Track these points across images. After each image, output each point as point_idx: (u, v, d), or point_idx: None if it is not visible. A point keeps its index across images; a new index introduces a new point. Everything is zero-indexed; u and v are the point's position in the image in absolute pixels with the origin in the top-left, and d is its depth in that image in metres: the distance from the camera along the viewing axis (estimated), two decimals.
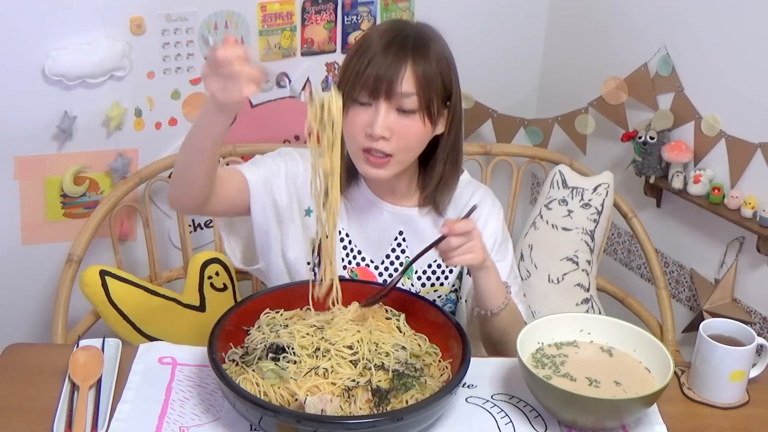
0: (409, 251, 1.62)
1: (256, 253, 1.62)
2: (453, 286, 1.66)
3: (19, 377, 1.43)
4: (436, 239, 1.43)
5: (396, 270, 1.63)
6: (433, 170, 1.59)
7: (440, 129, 1.55)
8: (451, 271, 1.65)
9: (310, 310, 1.47)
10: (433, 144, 1.57)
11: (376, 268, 1.63)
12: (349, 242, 1.63)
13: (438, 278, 1.64)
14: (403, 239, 1.62)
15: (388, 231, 1.62)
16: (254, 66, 1.25)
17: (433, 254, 1.46)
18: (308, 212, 1.62)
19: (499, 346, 1.59)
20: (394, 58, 1.45)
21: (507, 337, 1.55)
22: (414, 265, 1.58)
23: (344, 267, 1.61)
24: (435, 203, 1.61)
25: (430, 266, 1.63)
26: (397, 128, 1.47)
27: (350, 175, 1.59)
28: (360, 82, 1.46)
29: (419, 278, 1.63)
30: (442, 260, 1.45)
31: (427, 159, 1.59)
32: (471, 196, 1.65)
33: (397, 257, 1.63)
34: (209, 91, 1.28)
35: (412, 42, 1.48)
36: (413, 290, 1.60)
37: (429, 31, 1.53)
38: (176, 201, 1.52)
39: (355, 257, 1.63)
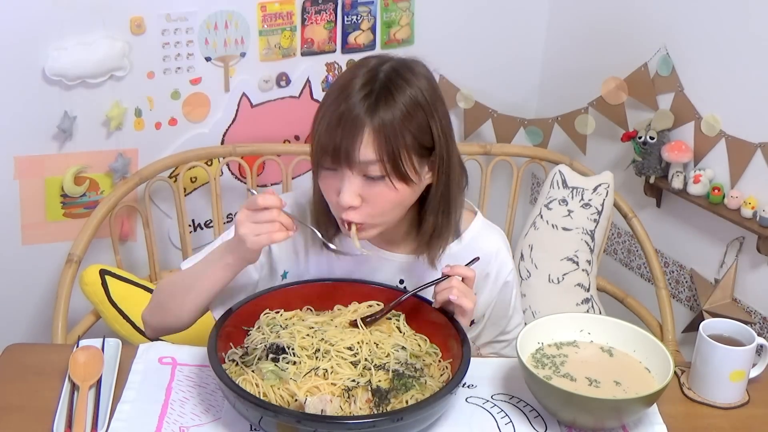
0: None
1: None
2: None
3: (19, 377, 1.43)
4: (438, 278, 1.42)
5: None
6: (426, 221, 1.46)
7: (429, 179, 1.41)
8: None
9: (310, 310, 1.47)
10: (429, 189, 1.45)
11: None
12: None
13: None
14: (404, 288, 1.54)
15: (387, 280, 1.53)
16: (286, 216, 1.32)
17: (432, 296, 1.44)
18: (284, 275, 1.55)
19: None
20: (351, 121, 1.30)
21: None
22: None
23: None
24: (429, 254, 1.49)
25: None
26: (367, 195, 1.35)
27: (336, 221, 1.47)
28: (322, 146, 1.34)
29: None
30: (435, 296, 1.42)
31: (424, 204, 1.46)
32: (489, 238, 1.56)
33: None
34: (240, 235, 1.32)
35: (375, 97, 1.31)
36: None
37: (400, 78, 1.34)
38: (157, 329, 1.54)
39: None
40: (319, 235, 1.43)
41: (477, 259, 1.47)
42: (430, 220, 1.45)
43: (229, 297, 1.49)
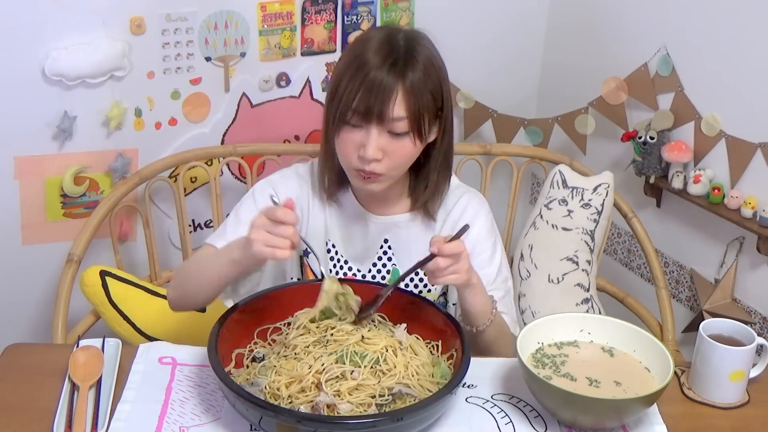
0: (395, 258, 1.63)
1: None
2: (443, 288, 1.67)
3: (19, 377, 1.43)
4: (424, 258, 1.41)
5: (383, 278, 1.64)
6: (426, 178, 1.60)
7: (432, 137, 1.55)
8: None
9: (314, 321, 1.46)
10: (425, 150, 1.57)
11: (363, 277, 1.65)
12: (336, 253, 1.65)
13: (425, 285, 1.64)
14: (389, 247, 1.63)
15: (373, 240, 1.63)
16: (297, 234, 1.37)
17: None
18: (306, 253, 1.65)
19: (486, 355, 1.57)
20: (384, 82, 1.44)
21: (492, 351, 1.55)
22: (399, 269, 1.62)
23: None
24: (426, 209, 1.62)
25: (417, 273, 1.63)
26: (389, 149, 1.48)
27: (340, 183, 1.61)
28: (351, 106, 1.45)
29: (407, 285, 1.63)
30: (428, 279, 1.44)
31: (417, 165, 1.59)
32: (458, 200, 1.66)
33: (384, 265, 1.64)
34: (251, 239, 1.36)
35: (403, 60, 1.46)
36: None
37: (418, 42, 1.50)
38: (178, 305, 1.62)
39: (342, 267, 1.65)
40: (307, 244, 1.57)
41: (466, 226, 1.47)
42: (432, 177, 1.59)
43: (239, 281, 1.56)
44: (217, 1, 2.16)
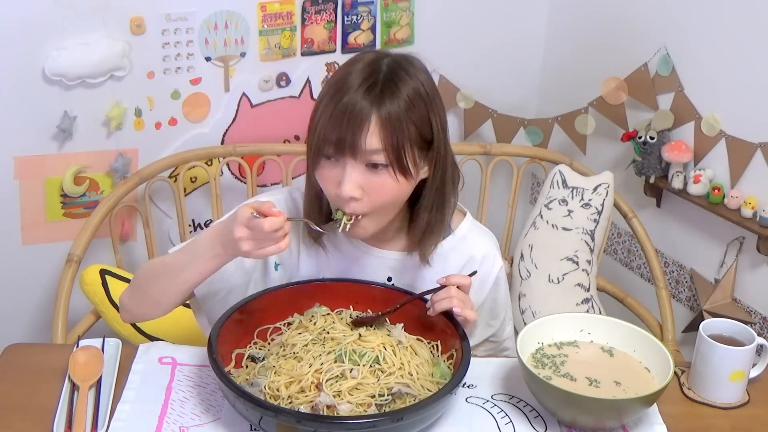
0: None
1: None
2: None
3: (19, 377, 1.43)
4: (433, 288, 1.41)
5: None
6: (419, 218, 1.46)
7: (425, 174, 1.42)
8: None
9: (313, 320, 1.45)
10: (422, 186, 1.45)
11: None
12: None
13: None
14: (392, 285, 1.54)
15: (376, 277, 1.53)
16: (289, 224, 1.29)
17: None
18: (276, 267, 1.54)
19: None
20: (357, 109, 1.31)
21: None
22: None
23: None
24: (421, 251, 1.48)
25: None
26: (368, 186, 1.35)
27: (328, 215, 1.46)
28: (325, 135, 1.34)
29: None
30: (433, 308, 1.41)
31: (415, 202, 1.46)
32: (480, 242, 1.55)
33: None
34: (244, 251, 1.30)
35: (380, 88, 1.33)
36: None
37: (404, 70, 1.37)
38: (137, 315, 1.52)
39: None
40: (311, 224, 1.43)
41: (475, 272, 1.46)
42: (425, 216, 1.45)
43: (213, 295, 1.49)
44: (217, 1, 2.16)
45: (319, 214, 1.46)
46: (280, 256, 1.51)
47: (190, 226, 2.29)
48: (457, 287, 1.41)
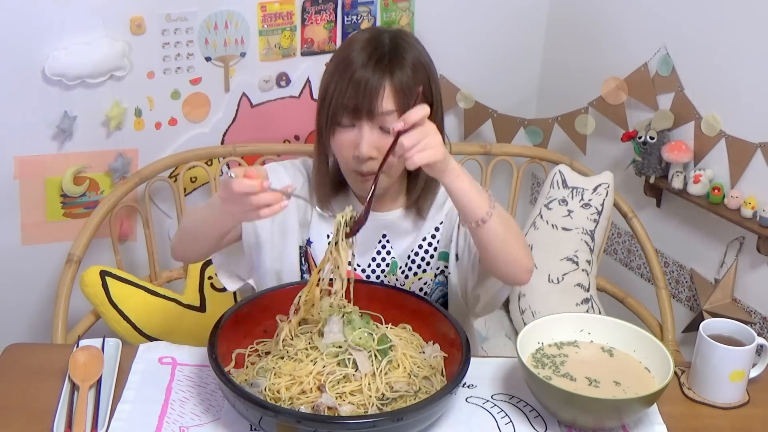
0: (393, 252, 1.63)
1: (247, 271, 1.64)
2: (438, 269, 1.66)
3: (19, 377, 1.43)
4: (393, 141, 1.33)
5: (383, 271, 1.64)
6: (417, 176, 1.59)
7: None
8: (432, 256, 1.64)
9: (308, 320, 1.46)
10: None
11: (363, 271, 1.64)
12: None
13: (419, 266, 1.64)
14: (387, 241, 1.64)
15: (372, 236, 1.63)
16: (272, 192, 1.28)
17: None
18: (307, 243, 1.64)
19: (506, 257, 1.47)
20: (371, 79, 1.44)
21: (509, 246, 1.45)
22: (397, 260, 1.63)
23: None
24: (418, 207, 1.61)
25: (409, 257, 1.64)
26: (383, 146, 1.45)
27: (336, 188, 1.61)
28: (341, 105, 1.46)
29: (403, 272, 1.64)
30: (406, 164, 1.35)
31: None
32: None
33: (383, 258, 1.64)
34: (230, 212, 1.34)
35: (388, 58, 1.46)
36: (398, 284, 1.62)
37: (404, 41, 1.50)
38: (182, 257, 1.61)
39: None
40: (308, 201, 1.56)
41: (418, 93, 1.44)
42: (422, 175, 1.56)
43: (234, 256, 1.59)
44: (217, 1, 2.16)
45: (325, 186, 1.59)
46: (297, 210, 1.61)
47: None
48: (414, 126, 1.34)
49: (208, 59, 2.21)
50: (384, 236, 1.64)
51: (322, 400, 1.27)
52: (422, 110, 1.31)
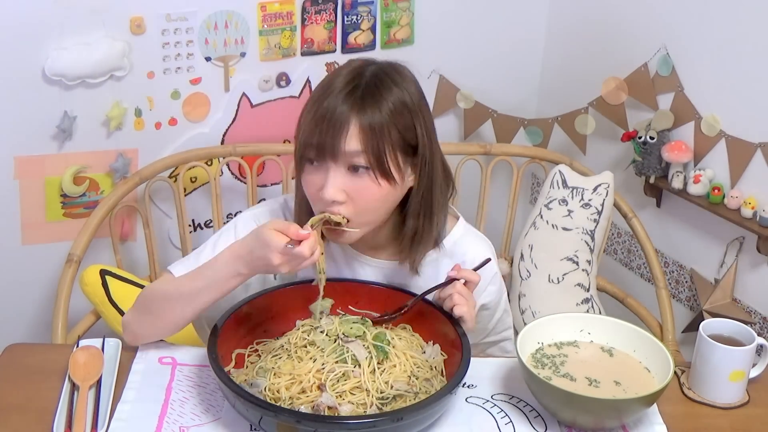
0: None
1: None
2: None
3: (19, 377, 1.43)
4: (442, 282, 1.42)
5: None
6: (406, 225, 1.46)
7: (412, 182, 1.42)
8: None
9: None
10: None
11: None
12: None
13: None
14: (392, 285, 1.53)
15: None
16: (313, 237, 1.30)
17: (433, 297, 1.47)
18: (275, 276, 1.54)
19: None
20: (336, 114, 1.32)
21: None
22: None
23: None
24: (410, 259, 1.48)
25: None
26: (351, 190, 1.36)
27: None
28: (305, 140, 1.36)
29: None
30: (443, 303, 1.42)
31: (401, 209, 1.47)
32: (468, 248, 1.54)
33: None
34: (285, 272, 1.32)
35: (361, 93, 1.34)
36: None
37: (387, 79, 1.37)
38: (136, 337, 1.47)
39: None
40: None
41: (488, 260, 1.47)
42: (411, 224, 1.45)
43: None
44: (217, 1, 2.16)
45: (308, 218, 1.43)
46: None
47: (190, 226, 2.29)
48: (464, 283, 1.42)
49: (208, 59, 2.21)
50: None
51: (322, 400, 1.27)
52: (477, 277, 1.41)
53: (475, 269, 1.45)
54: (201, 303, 1.38)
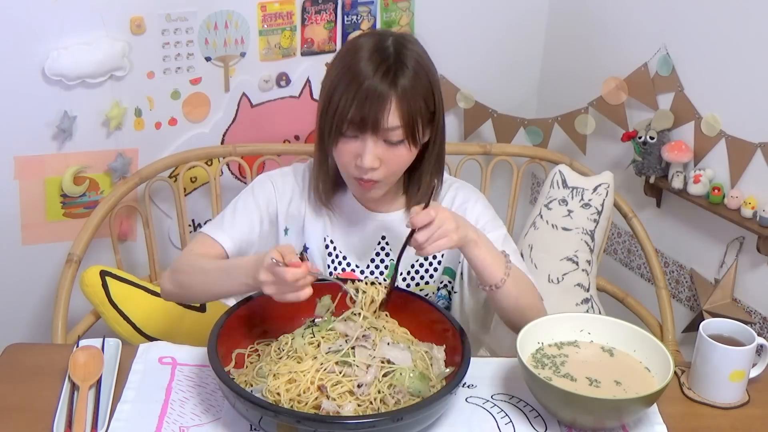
0: (392, 254, 1.64)
1: None
2: (441, 282, 1.67)
3: (19, 377, 1.43)
4: (407, 237, 1.42)
5: (381, 272, 1.65)
6: (420, 180, 1.61)
7: (425, 139, 1.56)
8: (435, 269, 1.65)
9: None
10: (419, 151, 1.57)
11: (362, 272, 1.65)
12: (334, 248, 1.65)
13: (422, 277, 1.64)
14: (386, 243, 1.64)
15: (371, 237, 1.65)
16: (312, 275, 1.36)
17: (414, 254, 1.49)
18: (286, 232, 1.66)
19: (519, 319, 1.52)
20: (378, 94, 1.44)
21: (522, 309, 1.52)
22: (399, 267, 1.56)
23: (330, 273, 1.64)
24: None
25: (413, 266, 1.64)
26: (385, 158, 1.49)
27: (336, 185, 1.63)
28: (346, 116, 1.46)
29: (404, 279, 1.64)
30: (420, 255, 1.44)
31: (411, 165, 1.59)
32: (447, 192, 1.67)
33: (382, 260, 1.65)
34: (267, 293, 1.36)
35: (394, 69, 1.46)
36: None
37: (406, 47, 1.50)
38: (173, 298, 1.63)
39: (340, 263, 1.66)
40: (341, 285, 1.49)
41: (432, 191, 1.51)
42: (426, 180, 1.60)
43: (244, 254, 1.60)
44: (217, 1, 2.16)
45: (327, 183, 1.61)
46: (287, 220, 1.66)
47: (190, 226, 2.29)
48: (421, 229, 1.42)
49: (208, 59, 2.21)
50: (383, 238, 1.64)
51: (325, 407, 1.27)
52: (427, 216, 1.39)
53: (424, 209, 1.43)
54: (216, 292, 1.52)
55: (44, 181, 2.13)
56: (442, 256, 1.65)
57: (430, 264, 1.65)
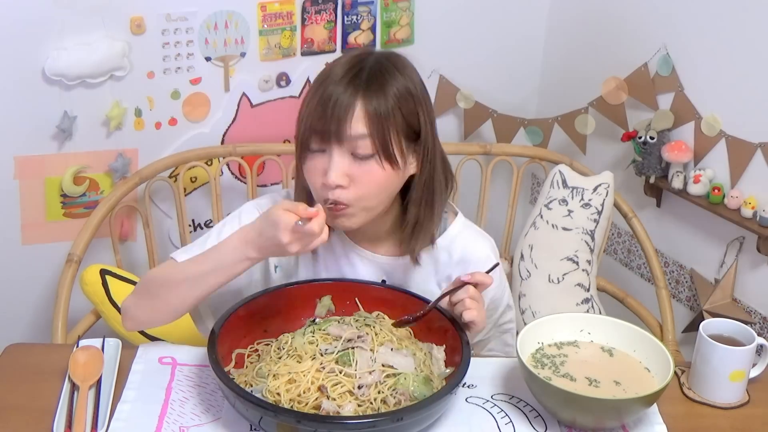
0: None
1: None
2: None
3: (19, 377, 1.43)
4: (458, 285, 1.40)
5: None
6: (408, 212, 1.46)
7: (413, 169, 1.43)
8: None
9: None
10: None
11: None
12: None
13: None
14: (391, 285, 1.53)
15: (369, 279, 1.53)
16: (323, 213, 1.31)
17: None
18: (276, 269, 1.56)
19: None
20: (341, 97, 1.33)
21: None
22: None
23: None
24: (411, 248, 1.48)
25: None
26: (355, 175, 1.36)
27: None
28: (309, 126, 1.35)
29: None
30: (453, 308, 1.41)
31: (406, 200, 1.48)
32: (467, 243, 1.53)
33: None
34: (294, 252, 1.30)
35: (366, 78, 1.34)
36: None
37: (390, 65, 1.38)
38: (137, 323, 1.47)
39: None
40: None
41: (497, 265, 1.46)
42: (413, 211, 1.45)
43: (219, 296, 1.46)
44: (217, 1, 2.16)
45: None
46: (279, 259, 1.54)
47: (190, 226, 2.29)
48: (475, 286, 1.40)
49: (208, 59, 2.21)
50: (383, 282, 1.54)
51: (325, 407, 1.27)
52: (490, 280, 1.39)
53: (487, 272, 1.43)
54: (206, 287, 1.38)
55: (44, 181, 2.13)
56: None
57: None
